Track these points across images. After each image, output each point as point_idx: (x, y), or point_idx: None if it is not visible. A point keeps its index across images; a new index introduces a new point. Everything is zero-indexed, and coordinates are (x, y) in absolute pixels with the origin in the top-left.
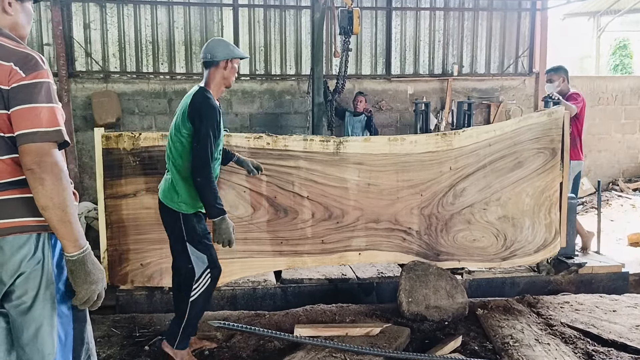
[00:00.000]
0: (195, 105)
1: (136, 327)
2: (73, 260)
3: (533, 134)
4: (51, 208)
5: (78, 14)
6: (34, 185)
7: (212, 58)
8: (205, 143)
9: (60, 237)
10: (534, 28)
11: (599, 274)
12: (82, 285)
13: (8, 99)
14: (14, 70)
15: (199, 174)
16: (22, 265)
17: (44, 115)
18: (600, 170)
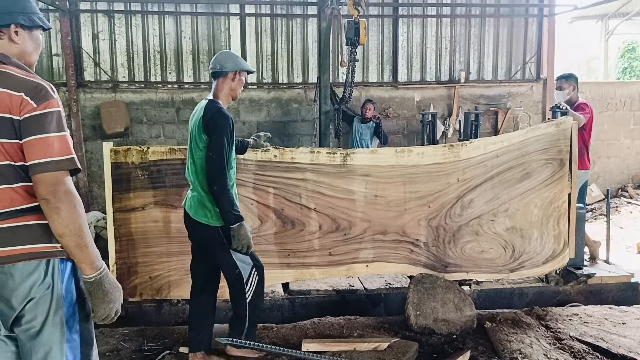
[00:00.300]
0: (208, 117)
1: (145, 340)
2: (91, 282)
3: (541, 144)
4: (68, 235)
5: (87, 24)
6: (49, 214)
7: (221, 69)
8: (221, 152)
9: (78, 261)
10: (541, 34)
11: (608, 284)
12: (100, 305)
13: (20, 129)
14: (25, 101)
15: (215, 183)
16: (32, 291)
17: (56, 145)
18: (610, 176)
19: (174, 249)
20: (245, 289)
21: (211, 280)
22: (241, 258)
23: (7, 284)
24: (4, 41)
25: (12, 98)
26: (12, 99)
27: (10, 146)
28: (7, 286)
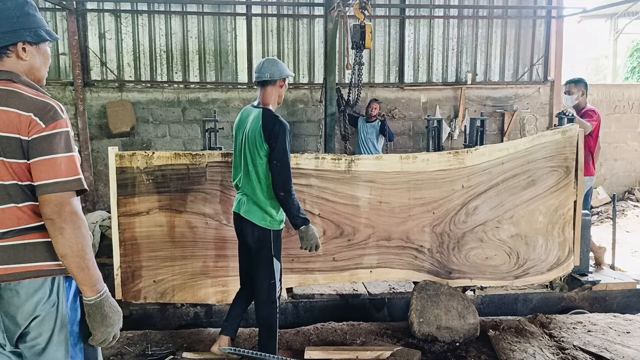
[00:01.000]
0: (270, 127)
1: (149, 344)
2: (90, 304)
3: (547, 152)
4: (70, 256)
5: (93, 23)
6: (53, 234)
7: (271, 77)
8: (286, 160)
9: (79, 282)
10: (549, 35)
11: (613, 291)
12: (98, 328)
13: (28, 150)
14: (33, 121)
15: (282, 189)
16: (38, 309)
17: (63, 166)
18: (616, 179)
19: (178, 253)
20: (276, 304)
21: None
22: (278, 268)
23: (13, 301)
24: (12, 59)
25: (21, 118)
26: (21, 119)
27: (17, 166)
28: (13, 303)
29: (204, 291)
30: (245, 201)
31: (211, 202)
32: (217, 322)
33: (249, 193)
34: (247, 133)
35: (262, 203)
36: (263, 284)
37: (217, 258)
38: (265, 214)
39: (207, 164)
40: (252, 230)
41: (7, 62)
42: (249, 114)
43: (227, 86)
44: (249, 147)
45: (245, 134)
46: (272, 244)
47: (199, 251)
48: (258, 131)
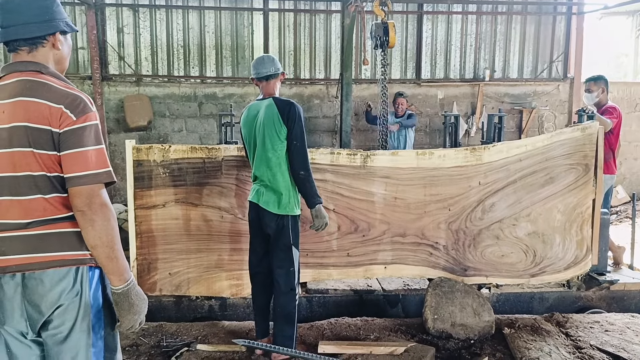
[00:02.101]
0: (285, 109)
1: (164, 336)
2: (118, 293)
3: (565, 149)
4: (100, 247)
5: (112, 18)
6: (84, 225)
7: (275, 71)
8: (303, 139)
9: (107, 272)
10: (569, 32)
11: (631, 291)
12: (126, 316)
13: (59, 142)
14: (64, 114)
15: (302, 168)
16: (62, 298)
17: (94, 158)
18: (636, 178)
19: (194, 246)
20: (295, 291)
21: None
22: (297, 257)
23: (37, 290)
24: (46, 49)
25: (52, 110)
26: (52, 111)
27: (47, 157)
28: (37, 292)
29: (218, 284)
30: (263, 191)
31: (227, 196)
32: (232, 315)
33: (268, 181)
34: (261, 122)
35: (281, 188)
36: (282, 272)
37: (232, 252)
38: (284, 199)
39: (223, 158)
40: (270, 219)
41: (41, 52)
42: (257, 108)
43: (243, 81)
44: (267, 135)
45: (260, 124)
46: (290, 231)
47: (214, 244)
48: (276, 116)
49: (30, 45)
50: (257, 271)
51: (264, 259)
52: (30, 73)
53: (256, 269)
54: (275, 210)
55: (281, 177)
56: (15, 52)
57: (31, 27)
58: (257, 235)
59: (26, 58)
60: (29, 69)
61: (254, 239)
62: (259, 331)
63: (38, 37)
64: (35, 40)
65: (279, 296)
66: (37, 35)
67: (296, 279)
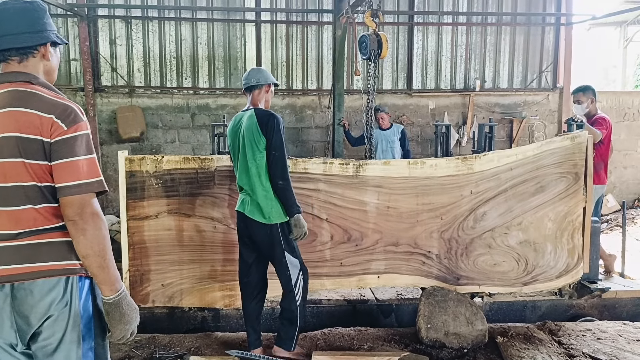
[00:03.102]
0: (265, 120)
1: (156, 348)
2: (109, 303)
3: (555, 158)
4: (91, 256)
5: (104, 30)
6: (75, 235)
7: (257, 82)
8: (282, 149)
9: (98, 281)
10: (558, 42)
11: (623, 298)
12: (117, 326)
13: (50, 152)
14: (55, 123)
15: (281, 178)
16: (51, 309)
17: (85, 167)
18: (626, 187)
19: (186, 257)
20: (294, 292)
21: (262, 286)
22: (292, 261)
23: (27, 300)
24: (36, 59)
25: (43, 120)
26: (43, 121)
27: (38, 167)
28: (27, 302)
29: (211, 295)
30: (249, 201)
31: (220, 206)
32: (225, 326)
33: (250, 190)
34: (243, 133)
35: (262, 198)
36: (281, 278)
37: (225, 262)
38: (266, 209)
39: (216, 168)
40: (258, 228)
41: (31, 62)
42: (241, 118)
43: (236, 92)
44: (248, 145)
45: (241, 134)
46: (281, 238)
47: (207, 255)
48: (255, 127)
49: (21, 55)
50: (247, 281)
51: (253, 268)
52: (20, 83)
53: (246, 279)
54: (261, 220)
55: (260, 188)
56: (6, 62)
57: (23, 37)
58: (245, 244)
59: (16, 68)
60: (19, 79)
61: (243, 248)
62: (251, 342)
63: (29, 47)
64: (26, 50)
65: (281, 300)
66: (29, 44)
67: (294, 281)
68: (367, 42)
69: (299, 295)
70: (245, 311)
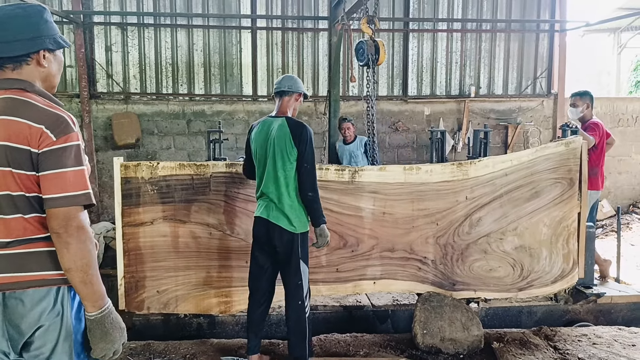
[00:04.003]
0: (297, 132)
1: (152, 355)
2: (91, 320)
3: (550, 163)
4: (74, 270)
5: (100, 36)
6: (59, 247)
7: (289, 89)
8: (313, 162)
9: (82, 297)
10: (552, 49)
11: (618, 303)
12: (97, 344)
13: (38, 163)
14: (44, 134)
15: (311, 190)
16: (42, 318)
17: (72, 179)
18: (620, 193)
19: (182, 263)
20: (305, 303)
21: (271, 292)
22: (304, 270)
23: (17, 310)
24: (31, 66)
25: (32, 130)
26: (32, 131)
27: (26, 177)
28: (17, 312)
29: (207, 302)
30: (273, 207)
31: (215, 213)
32: (220, 332)
33: (276, 199)
34: (273, 141)
35: (287, 208)
36: (291, 286)
37: (220, 269)
38: (293, 218)
39: (212, 175)
40: (280, 234)
41: (26, 69)
42: (270, 124)
43: (232, 98)
44: (278, 154)
45: (271, 142)
46: (299, 247)
47: (202, 261)
48: (288, 137)
49: (15, 63)
50: (259, 286)
51: (267, 274)
52: (15, 91)
53: (258, 284)
54: (286, 227)
55: (287, 197)
56: (0, 70)
57: (14, 45)
58: (262, 250)
59: (11, 75)
60: (13, 87)
61: (259, 254)
62: (251, 347)
63: (21, 56)
64: (18, 59)
65: (288, 308)
66: (19, 54)
67: (304, 292)
68: (365, 48)
69: (308, 306)
70: (251, 317)
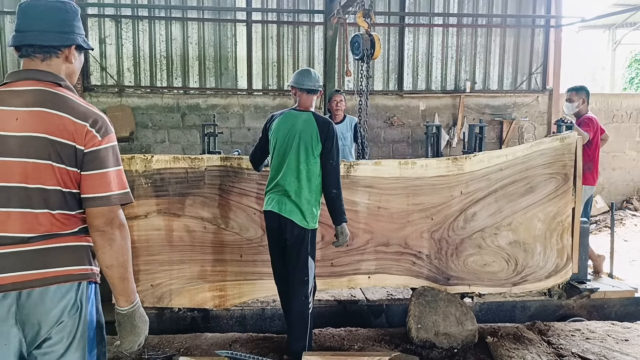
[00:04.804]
0: (324, 128)
1: (145, 349)
2: (123, 314)
3: (545, 159)
4: (115, 267)
5: (94, 29)
6: (102, 245)
7: (319, 87)
8: (338, 160)
9: (117, 292)
10: (547, 44)
11: (611, 299)
12: (127, 337)
13: (82, 161)
14: (90, 133)
15: (335, 187)
16: (64, 315)
17: (115, 179)
18: (614, 189)
19: (176, 257)
20: (309, 299)
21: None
22: (311, 265)
23: (38, 307)
24: (60, 60)
25: (77, 127)
26: (77, 128)
27: (65, 172)
28: (38, 310)
29: (201, 296)
30: (286, 201)
31: (210, 206)
32: (215, 326)
33: (294, 192)
34: (298, 134)
35: (305, 202)
36: (296, 280)
37: (214, 262)
38: (307, 213)
39: (206, 168)
40: (292, 228)
41: (55, 62)
42: (295, 117)
43: (226, 92)
44: (302, 148)
45: (296, 135)
46: (309, 243)
47: (196, 255)
48: (315, 132)
49: (45, 53)
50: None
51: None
52: (49, 84)
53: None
54: (299, 222)
55: (307, 192)
56: (29, 58)
57: (50, 35)
58: (275, 242)
59: (40, 67)
60: (47, 79)
61: (274, 246)
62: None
63: (54, 47)
64: (50, 50)
65: (293, 301)
66: (53, 44)
67: (309, 287)
68: (360, 42)
69: (312, 302)
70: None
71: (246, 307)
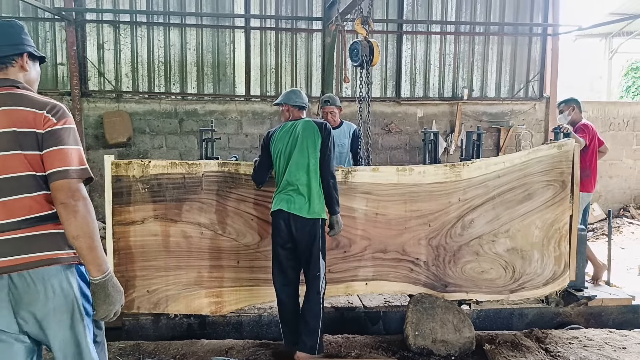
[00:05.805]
0: (321, 125)
1: (141, 355)
2: (96, 284)
3: (543, 166)
4: (82, 237)
5: (92, 34)
6: (67, 217)
7: (307, 104)
8: (333, 152)
9: (87, 262)
10: (545, 52)
11: (609, 306)
12: (101, 306)
13: (42, 142)
14: (47, 117)
15: (332, 176)
16: (52, 297)
17: (74, 155)
18: (611, 196)
19: (172, 263)
20: (321, 294)
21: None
22: (323, 263)
23: (29, 290)
24: (15, 69)
25: (36, 115)
26: (36, 116)
27: (32, 157)
28: (29, 292)
29: (198, 302)
30: (294, 199)
31: (207, 212)
32: (211, 333)
33: (305, 185)
34: (300, 134)
35: (314, 193)
36: (310, 276)
37: (211, 268)
38: (317, 203)
39: (204, 174)
40: (303, 225)
41: (11, 71)
42: (293, 125)
43: (224, 98)
44: (306, 143)
45: (298, 135)
46: (320, 238)
47: (193, 261)
48: (315, 129)
49: (1, 64)
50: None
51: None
52: (8, 88)
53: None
54: (307, 215)
55: (315, 182)
56: None
57: (3, 48)
58: (284, 247)
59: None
60: (6, 85)
61: (282, 251)
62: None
63: (8, 56)
64: (4, 60)
65: (306, 300)
66: (6, 54)
67: (320, 282)
68: (359, 49)
69: (324, 297)
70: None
71: (243, 314)
